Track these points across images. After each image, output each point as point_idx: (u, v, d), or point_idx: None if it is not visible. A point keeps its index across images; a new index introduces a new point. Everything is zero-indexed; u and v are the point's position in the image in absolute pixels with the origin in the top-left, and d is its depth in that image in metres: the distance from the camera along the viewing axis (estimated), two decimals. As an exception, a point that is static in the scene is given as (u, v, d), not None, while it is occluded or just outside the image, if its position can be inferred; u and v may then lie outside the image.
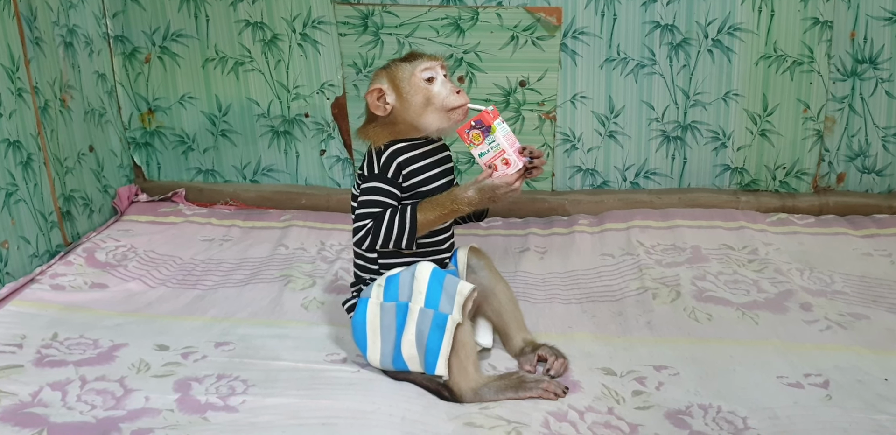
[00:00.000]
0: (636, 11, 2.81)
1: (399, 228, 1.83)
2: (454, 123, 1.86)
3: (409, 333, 1.82)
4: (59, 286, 2.40)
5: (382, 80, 1.88)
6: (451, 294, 1.80)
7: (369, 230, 1.84)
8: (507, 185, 1.79)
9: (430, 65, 1.86)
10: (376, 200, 1.86)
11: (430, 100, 1.84)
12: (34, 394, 1.83)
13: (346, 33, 2.91)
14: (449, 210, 1.83)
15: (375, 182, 1.87)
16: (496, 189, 1.80)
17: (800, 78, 2.84)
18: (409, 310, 1.82)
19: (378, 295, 1.87)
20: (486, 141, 1.79)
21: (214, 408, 1.77)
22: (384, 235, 1.83)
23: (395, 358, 1.85)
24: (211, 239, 2.81)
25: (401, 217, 1.83)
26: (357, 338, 1.89)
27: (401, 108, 1.86)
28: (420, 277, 1.82)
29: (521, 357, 1.98)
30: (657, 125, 2.94)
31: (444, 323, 1.79)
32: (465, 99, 1.85)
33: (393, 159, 1.87)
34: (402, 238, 1.83)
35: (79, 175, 2.78)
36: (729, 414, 1.76)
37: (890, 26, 2.74)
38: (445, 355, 1.80)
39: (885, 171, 2.92)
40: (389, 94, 1.86)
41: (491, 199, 1.82)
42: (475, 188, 1.81)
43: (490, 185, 1.80)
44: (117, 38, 3.01)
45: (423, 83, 1.84)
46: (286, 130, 3.07)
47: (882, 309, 2.23)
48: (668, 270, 2.49)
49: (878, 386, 1.85)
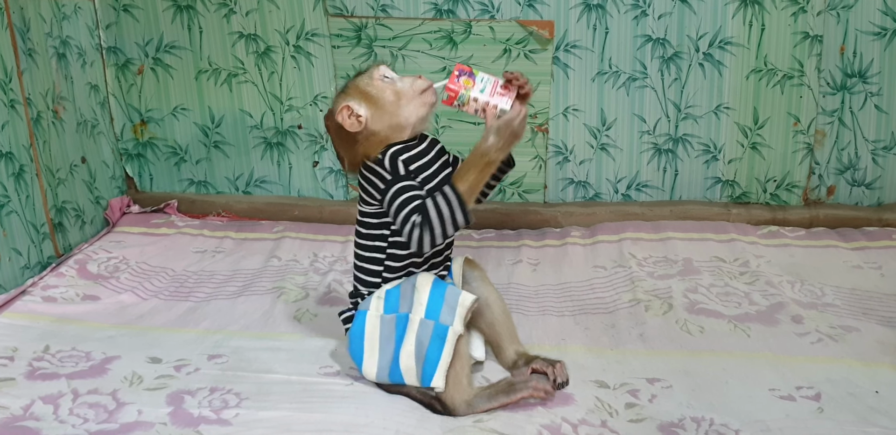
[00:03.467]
0: (628, 25, 2.83)
1: (448, 209, 1.76)
2: (430, 107, 1.87)
3: (409, 344, 1.81)
4: (50, 298, 2.39)
5: (346, 99, 1.87)
6: (453, 305, 1.80)
7: (421, 227, 1.77)
8: (517, 114, 1.78)
9: (380, 69, 1.89)
10: (410, 196, 1.80)
11: (399, 92, 1.85)
12: (26, 407, 1.82)
13: (339, 46, 2.92)
14: (483, 165, 1.78)
15: (396, 184, 1.82)
16: (511, 122, 1.78)
17: (790, 91, 2.86)
18: (409, 321, 1.82)
19: (378, 307, 1.87)
20: (478, 80, 1.82)
21: (207, 421, 1.77)
22: (438, 222, 1.77)
23: (392, 370, 1.85)
24: (203, 250, 2.81)
25: (443, 198, 1.77)
26: (353, 350, 1.89)
27: (375, 114, 1.85)
28: (421, 288, 1.82)
29: (515, 370, 1.99)
30: (649, 138, 2.96)
31: (444, 334, 1.79)
32: (428, 81, 1.87)
33: (396, 159, 1.84)
34: (455, 216, 1.77)
35: (71, 186, 2.77)
36: (721, 427, 1.76)
37: (879, 40, 2.77)
38: (444, 367, 1.79)
39: (874, 184, 2.94)
40: (359, 106, 1.85)
41: (513, 135, 1.78)
42: (492, 133, 1.78)
43: (504, 122, 1.78)
44: (110, 50, 3.01)
45: (385, 82, 1.86)
46: (279, 142, 3.07)
47: (872, 321, 2.24)
48: (660, 283, 2.50)
49: (870, 399, 1.86)
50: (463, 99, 1.81)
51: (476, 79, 1.82)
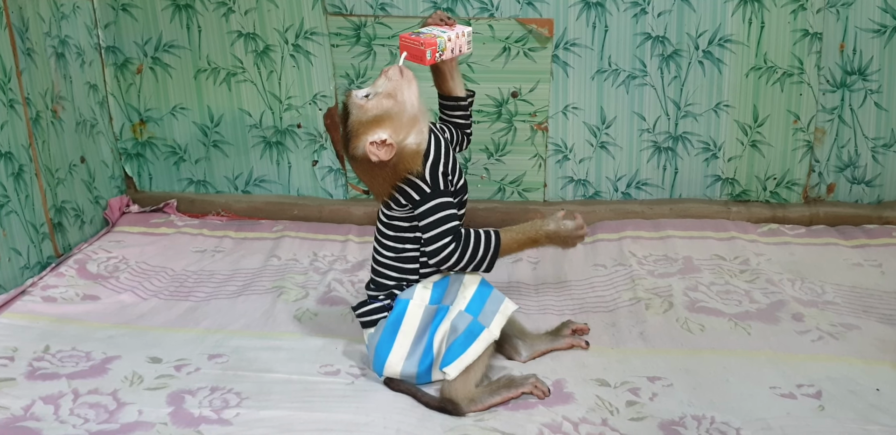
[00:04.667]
0: (627, 23, 2.82)
1: (483, 255, 1.85)
2: (414, 80, 1.88)
3: (442, 330, 1.84)
4: (50, 298, 2.39)
5: (362, 137, 1.83)
6: (494, 310, 1.85)
7: (453, 253, 1.83)
8: (580, 227, 1.89)
9: (354, 95, 1.86)
10: (447, 215, 1.85)
11: (389, 93, 1.84)
12: (26, 407, 1.82)
13: (338, 44, 2.92)
14: (531, 241, 1.89)
15: (436, 199, 1.86)
16: (573, 233, 1.89)
17: (790, 89, 2.86)
18: (448, 311, 1.84)
19: (424, 297, 1.89)
20: (425, 31, 1.90)
21: (208, 421, 1.77)
22: (468, 259, 1.85)
23: (422, 360, 1.86)
24: (203, 250, 2.81)
25: (486, 244, 1.85)
26: (382, 340, 1.89)
27: (394, 128, 1.84)
28: (468, 285, 1.86)
29: (553, 341, 2.10)
30: (648, 136, 2.96)
31: (478, 332, 1.81)
32: (392, 66, 1.88)
33: (436, 173, 1.87)
34: (483, 263, 1.86)
35: (70, 186, 2.77)
36: (722, 425, 1.77)
37: (879, 38, 2.77)
38: (466, 362, 1.81)
39: (874, 182, 2.94)
40: (379, 134, 1.82)
41: (563, 242, 1.90)
42: (554, 223, 1.88)
43: (567, 230, 1.88)
44: (109, 49, 3.01)
45: (370, 98, 1.84)
46: (278, 141, 3.07)
47: (872, 319, 2.25)
48: (660, 281, 2.50)
49: (870, 396, 1.86)
50: (441, 45, 1.87)
51: (423, 33, 1.89)
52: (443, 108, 2.12)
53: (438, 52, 1.85)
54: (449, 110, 2.11)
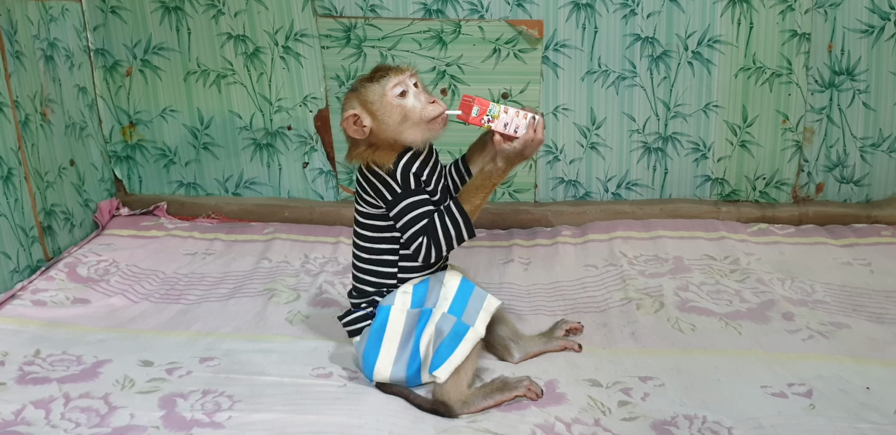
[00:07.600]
0: (617, 24, 2.83)
1: (454, 227, 1.82)
2: (437, 132, 1.85)
3: (427, 334, 1.83)
4: (40, 302, 2.38)
5: (354, 105, 1.84)
6: (478, 308, 1.83)
7: (429, 245, 1.83)
8: (531, 139, 1.80)
9: (399, 79, 1.83)
10: (421, 213, 1.84)
11: (407, 115, 1.82)
12: (17, 412, 1.81)
13: (328, 46, 2.92)
14: (490, 186, 1.84)
15: (407, 199, 1.84)
16: (523, 151, 1.80)
17: (779, 89, 2.87)
18: (431, 314, 1.83)
19: (405, 302, 1.88)
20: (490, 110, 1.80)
21: (200, 424, 1.76)
22: (444, 240, 1.83)
23: (410, 364, 1.85)
24: (193, 253, 2.80)
25: (450, 216, 1.82)
26: (368, 348, 1.88)
27: (379, 129, 1.84)
28: (448, 285, 1.85)
29: (548, 342, 2.09)
30: (638, 137, 2.97)
31: (463, 332, 1.80)
32: (443, 106, 1.84)
33: (408, 173, 1.85)
34: (461, 233, 1.83)
35: (59, 189, 2.76)
36: (714, 424, 1.77)
37: (866, 38, 2.78)
38: (455, 363, 1.80)
39: (862, 181, 2.95)
40: (365, 117, 1.83)
41: (521, 158, 1.82)
42: (502, 158, 1.80)
43: (515, 150, 1.79)
44: (98, 52, 3.00)
45: (396, 100, 1.82)
46: (269, 143, 3.07)
47: (862, 318, 2.26)
48: (651, 281, 2.50)
49: (861, 395, 1.87)
50: (493, 111, 1.80)
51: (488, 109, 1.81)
52: (452, 166, 2.06)
53: (487, 116, 1.81)
54: (455, 172, 2.05)
